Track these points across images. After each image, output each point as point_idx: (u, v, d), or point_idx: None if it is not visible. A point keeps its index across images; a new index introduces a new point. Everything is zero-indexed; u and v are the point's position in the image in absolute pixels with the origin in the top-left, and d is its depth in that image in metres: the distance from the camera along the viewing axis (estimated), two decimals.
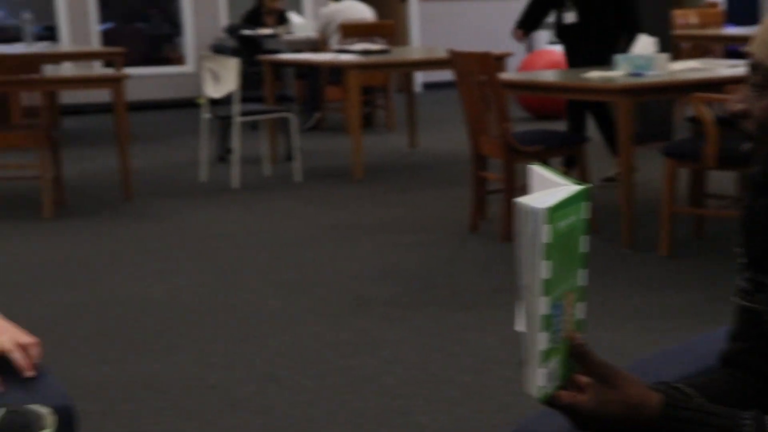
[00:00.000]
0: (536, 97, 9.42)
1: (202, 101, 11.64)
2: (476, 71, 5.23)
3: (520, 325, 1.26)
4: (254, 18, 9.86)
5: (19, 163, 6.54)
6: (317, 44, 9.53)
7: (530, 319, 1.23)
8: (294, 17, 10.13)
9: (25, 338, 1.73)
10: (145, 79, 11.49)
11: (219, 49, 8.83)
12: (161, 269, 4.96)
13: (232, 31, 9.71)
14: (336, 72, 9.38)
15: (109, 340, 3.94)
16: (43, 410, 1.58)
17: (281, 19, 9.93)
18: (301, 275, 4.82)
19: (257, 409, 3.25)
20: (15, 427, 1.54)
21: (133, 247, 5.40)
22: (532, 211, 1.19)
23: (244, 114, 7.16)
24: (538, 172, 1.30)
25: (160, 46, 12.30)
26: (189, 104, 11.78)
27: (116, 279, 4.79)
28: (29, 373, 1.69)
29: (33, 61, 5.91)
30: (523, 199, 1.22)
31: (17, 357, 1.70)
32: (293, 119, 7.50)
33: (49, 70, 6.55)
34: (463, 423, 3.09)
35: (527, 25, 6.88)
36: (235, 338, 3.94)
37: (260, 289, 4.60)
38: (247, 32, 9.27)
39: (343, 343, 3.86)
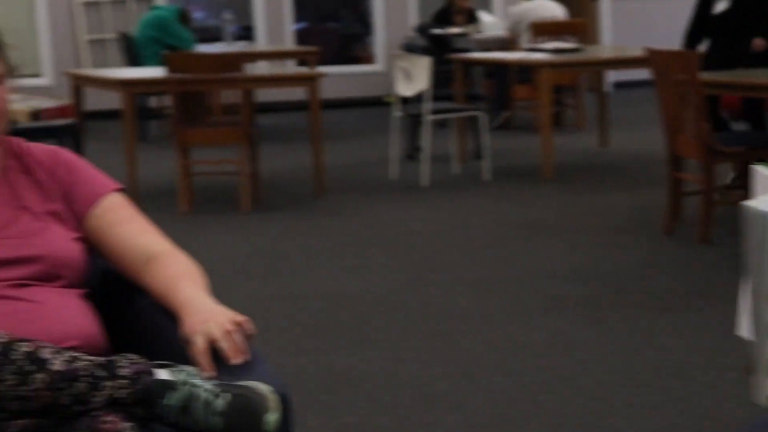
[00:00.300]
0: (735, 96, 9.09)
1: (391, 99, 11.78)
2: (675, 70, 5.10)
3: (744, 331, 1.21)
4: (444, 17, 9.90)
5: (220, 159, 6.78)
6: (507, 43, 9.49)
7: (758, 325, 1.19)
8: (484, 16, 10.12)
9: (232, 323, 1.77)
10: (335, 78, 11.70)
11: (409, 48, 8.91)
12: (353, 265, 5.04)
13: (422, 30, 9.77)
14: (525, 70, 9.32)
15: (305, 333, 4.03)
16: (264, 389, 1.63)
17: (471, 18, 9.93)
18: (491, 273, 4.81)
19: (451, 405, 3.26)
20: (241, 409, 1.59)
21: (326, 242, 5.52)
22: (762, 215, 1.15)
23: (435, 112, 7.20)
24: (763, 173, 1.25)
25: (351, 45, 12.52)
26: (378, 102, 11.93)
27: (310, 273, 4.90)
28: (235, 360, 1.72)
29: (234, 60, 6.11)
30: (750, 203, 1.17)
31: (224, 346, 1.73)
32: (483, 118, 7.49)
33: (246, 69, 6.76)
34: (665, 429, 3.02)
35: (693, 43, 6.37)
36: (428, 335, 3.97)
37: (451, 287, 4.61)
38: (437, 31, 9.31)
39: (536, 342, 3.83)
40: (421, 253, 5.23)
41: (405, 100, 7.50)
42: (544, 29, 9.10)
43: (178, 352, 1.78)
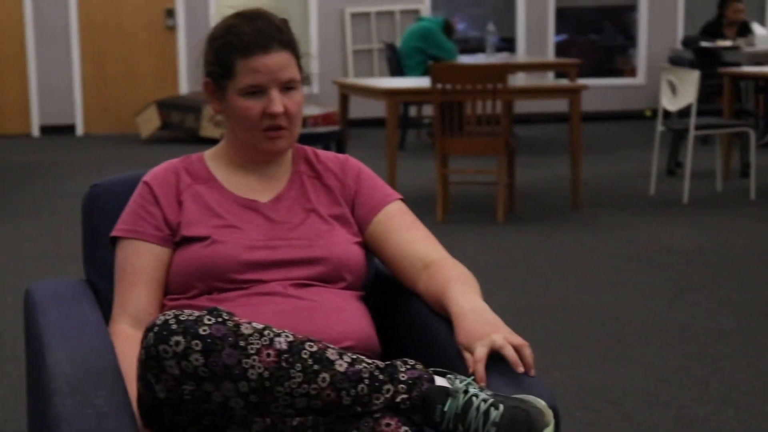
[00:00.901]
0: None
1: (648, 113, 11.50)
2: None
3: None
4: (713, 30, 9.58)
5: (477, 168, 6.84)
6: None
7: None
8: (757, 28, 9.71)
9: (516, 339, 1.77)
10: (595, 90, 11.56)
11: (675, 61, 8.68)
12: (609, 280, 4.95)
13: (688, 43, 9.50)
14: None
15: (560, 346, 4.00)
16: (541, 404, 1.62)
17: (743, 31, 9.56)
18: (755, 296, 4.61)
19: (712, 431, 3.15)
20: (519, 422, 1.59)
21: (581, 255, 5.45)
22: None
23: (700, 128, 6.98)
24: None
25: (612, 57, 12.31)
26: (637, 116, 11.69)
27: (565, 286, 4.86)
28: (520, 369, 1.72)
29: (499, 72, 6.14)
30: None
31: (510, 353, 1.73)
32: (752, 134, 7.19)
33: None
34: None
35: None
36: (687, 356, 3.85)
37: (713, 308, 4.46)
38: (705, 44, 9.03)
39: None
40: (681, 272, 5.08)
41: (667, 114, 7.31)
42: None
43: (450, 357, 1.81)
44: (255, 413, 1.64)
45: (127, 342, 1.92)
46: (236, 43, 1.95)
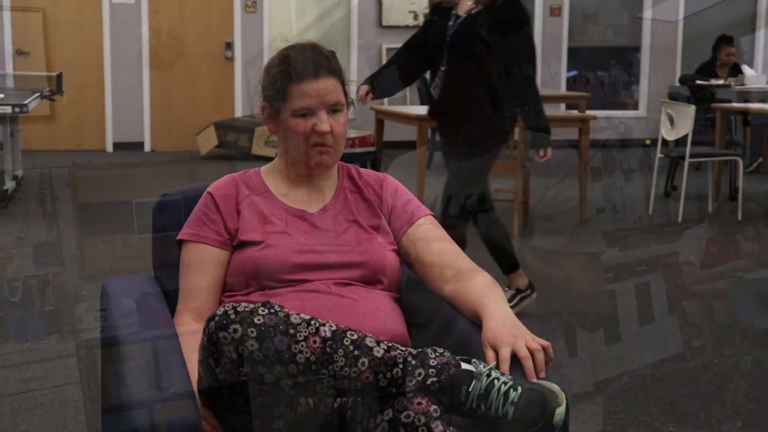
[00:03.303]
0: None
1: (648, 142, 11.45)
2: None
3: None
4: (708, 70, 9.54)
5: (496, 187, 6.83)
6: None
7: None
8: (746, 69, 9.65)
9: (534, 344, 1.78)
10: (601, 121, 11.51)
11: (674, 97, 8.65)
12: (612, 288, 4.94)
13: (685, 81, 9.47)
14: None
15: (567, 346, 3.99)
16: (555, 387, 1.63)
17: (733, 71, 9.51)
18: None
19: (701, 424, 3.13)
20: (535, 401, 1.60)
21: (587, 265, 5.43)
22: None
23: (695, 156, 6.94)
24: None
25: (618, 92, 12.28)
26: (638, 145, 11.64)
27: (572, 293, 4.84)
28: (533, 380, 1.73)
29: None
30: None
31: (527, 365, 1.74)
32: (740, 162, 7.15)
33: None
34: None
35: (378, 81, 4.10)
36: (680, 357, 3.83)
37: (703, 313, 4.43)
38: (700, 82, 8.99)
39: None
40: (674, 281, 5.05)
41: (665, 143, 7.29)
42: None
43: (471, 352, 1.81)
44: (302, 393, 1.66)
45: (189, 332, 1.94)
46: (290, 71, 1.98)
